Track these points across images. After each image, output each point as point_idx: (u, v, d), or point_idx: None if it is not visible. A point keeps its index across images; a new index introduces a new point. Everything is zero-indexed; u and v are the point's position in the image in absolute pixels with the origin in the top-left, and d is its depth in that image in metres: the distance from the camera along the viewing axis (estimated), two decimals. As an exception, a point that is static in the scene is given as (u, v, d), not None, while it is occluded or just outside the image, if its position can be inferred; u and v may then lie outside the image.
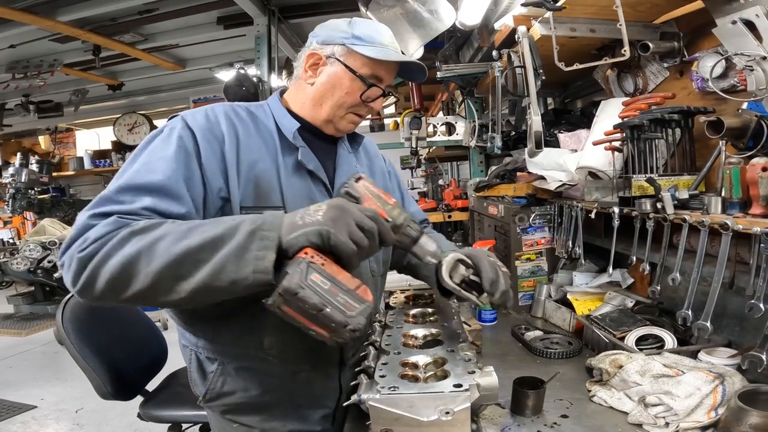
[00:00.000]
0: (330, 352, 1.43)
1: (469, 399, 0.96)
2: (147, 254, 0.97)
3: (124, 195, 1.09)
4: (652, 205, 1.52)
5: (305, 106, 1.42)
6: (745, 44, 1.44)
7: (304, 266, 0.93)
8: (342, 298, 0.94)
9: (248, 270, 0.96)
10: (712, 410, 1.14)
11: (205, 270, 0.96)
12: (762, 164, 1.22)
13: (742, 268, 1.33)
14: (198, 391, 1.42)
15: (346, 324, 0.93)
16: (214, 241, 0.98)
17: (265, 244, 0.97)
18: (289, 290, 0.91)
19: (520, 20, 2.00)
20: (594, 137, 1.91)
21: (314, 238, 0.96)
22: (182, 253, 0.97)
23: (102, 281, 0.98)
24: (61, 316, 2.14)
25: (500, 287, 1.24)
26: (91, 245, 1.00)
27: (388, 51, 1.38)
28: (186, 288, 0.97)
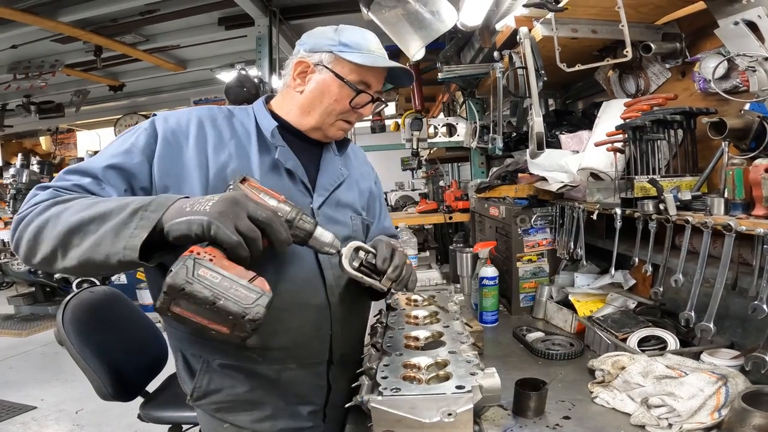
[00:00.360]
0: (317, 350, 1.44)
1: (471, 400, 0.96)
2: (54, 220, 1.04)
3: (71, 175, 1.19)
4: (654, 207, 1.52)
5: (292, 112, 1.45)
6: (748, 45, 1.44)
7: (190, 263, 0.90)
8: (235, 290, 0.91)
9: (120, 246, 0.97)
10: (716, 411, 1.14)
11: (89, 241, 1.00)
12: (765, 165, 1.22)
13: (745, 269, 1.33)
14: (186, 389, 1.43)
15: (244, 314, 0.90)
16: (102, 216, 1.02)
17: (143, 224, 0.98)
18: (174, 286, 0.87)
19: (522, 21, 1.99)
20: (596, 138, 1.90)
21: (195, 228, 0.95)
22: (76, 222, 1.02)
23: (24, 242, 1.08)
24: (61, 317, 2.14)
25: (393, 263, 1.26)
26: (27, 209, 1.11)
27: (375, 57, 1.40)
28: (74, 256, 1.02)
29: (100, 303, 2.39)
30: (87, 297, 2.35)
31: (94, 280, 5.24)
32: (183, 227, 0.96)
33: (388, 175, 7.46)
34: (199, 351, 1.38)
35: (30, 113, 6.74)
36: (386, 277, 1.24)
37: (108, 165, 1.19)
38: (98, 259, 1.00)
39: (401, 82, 1.55)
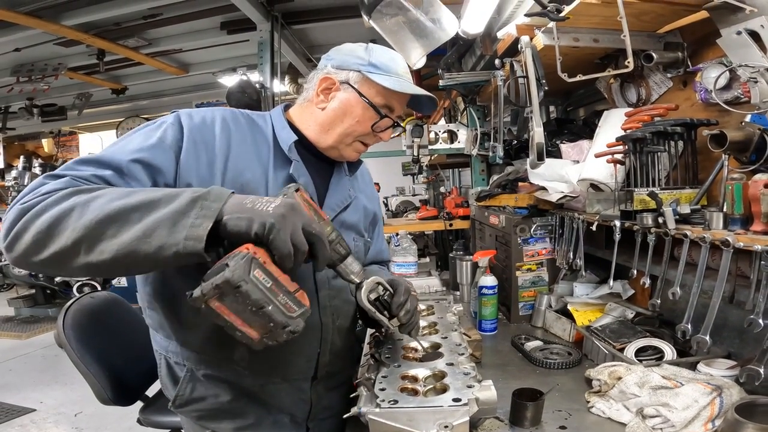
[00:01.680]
0: (303, 367, 1.43)
1: (467, 413, 0.96)
2: (80, 209, 0.93)
3: (87, 165, 1.07)
4: (653, 220, 1.52)
5: (310, 128, 1.41)
6: (750, 55, 1.44)
7: (248, 260, 0.87)
8: (283, 299, 0.90)
9: (180, 236, 0.89)
10: (709, 422, 1.14)
11: (134, 231, 0.90)
12: (764, 181, 1.22)
13: (743, 282, 1.33)
14: (169, 395, 1.42)
15: (286, 325, 0.89)
16: (151, 203, 0.93)
17: (205, 213, 0.91)
18: (231, 282, 0.84)
19: (523, 30, 1.99)
20: (596, 149, 1.91)
21: (257, 227, 0.91)
22: (115, 210, 0.92)
23: (30, 234, 0.93)
24: (62, 322, 2.15)
25: (406, 307, 1.24)
26: (34, 198, 0.97)
27: (403, 82, 1.37)
28: (108, 249, 0.90)
29: (100, 308, 2.40)
30: (88, 302, 2.35)
31: (95, 284, 5.26)
32: (243, 224, 0.91)
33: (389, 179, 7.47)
34: (183, 360, 1.36)
35: (32, 116, 6.74)
36: (396, 319, 1.24)
37: (134, 159, 1.11)
38: (145, 251, 0.89)
39: (422, 109, 1.54)
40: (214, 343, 1.30)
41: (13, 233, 0.95)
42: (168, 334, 1.36)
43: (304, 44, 5.36)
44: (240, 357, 1.32)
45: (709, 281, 1.37)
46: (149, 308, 1.38)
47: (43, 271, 1.00)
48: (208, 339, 1.29)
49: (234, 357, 1.31)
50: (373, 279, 1.24)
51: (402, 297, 1.27)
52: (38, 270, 1.00)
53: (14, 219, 0.95)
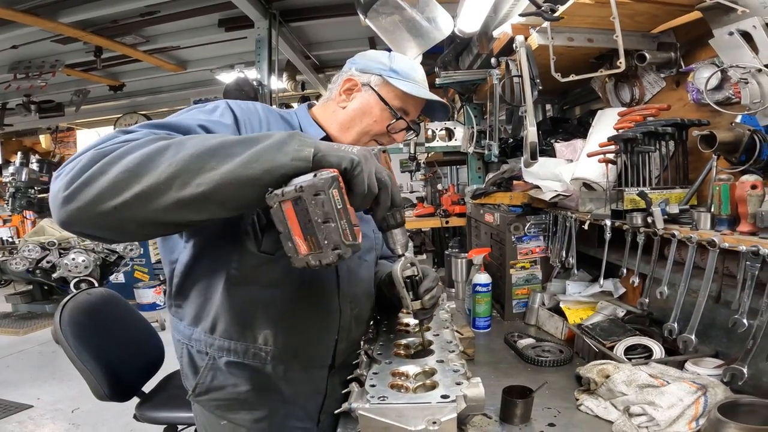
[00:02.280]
0: (322, 354, 1.47)
1: (455, 410, 0.97)
2: (176, 146, 0.93)
3: (157, 128, 1.08)
4: (642, 219, 1.54)
5: (332, 125, 1.48)
6: (741, 56, 1.45)
7: (334, 178, 0.93)
8: (344, 224, 0.94)
9: (287, 159, 0.94)
10: (693, 421, 1.16)
11: (237, 160, 0.93)
12: (751, 182, 1.23)
13: (731, 281, 1.34)
14: (188, 385, 1.45)
15: (337, 246, 0.94)
16: (250, 139, 0.98)
17: (305, 143, 0.97)
18: (315, 187, 0.91)
19: (519, 29, 2.01)
20: (589, 148, 1.92)
21: (346, 163, 0.97)
22: (216, 144, 0.95)
23: (108, 177, 0.89)
24: (59, 319, 2.16)
25: (432, 293, 1.28)
26: (113, 144, 0.94)
27: (419, 88, 1.46)
28: (208, 179, 0.91)
29: (97, 305, 2.41)
30: (84, 299, 2.37)
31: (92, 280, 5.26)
32: (335, 159, 0.97)
33: (387, 177, 7.44)
34: (206, 348, 1.39)
35: (30, 112, 6.74)
36: (420, 301, 1.25)
37: (202, 125, 1.15)
38: (249, 175, 0.92)
39: (435, 116, 1.63)
40: (240, 327, 1.34)
41: (83, 179, 0.89)
42: (192, 322, 1.39)
43: (302, 42, 5.36)
44: (264, 340, 1.36)
45: (697, 281, 1.39)
46: (176, 297, 1.41)
47: (105, 223, 0.92)
48: (235, 323, 1.34)
49: (258, 340, 1.36)
50: (411, 258, 1.26)
51: (432, 283, 1.32)
52: (98, 224, 0.92)
53: (88, 163, 0.91)
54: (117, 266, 5.89)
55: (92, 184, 0.89)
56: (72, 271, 5.37)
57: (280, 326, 1.36)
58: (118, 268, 5.97)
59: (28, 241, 5.56)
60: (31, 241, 5.56)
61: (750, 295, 1.21)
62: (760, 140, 1.38)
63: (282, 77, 5.83)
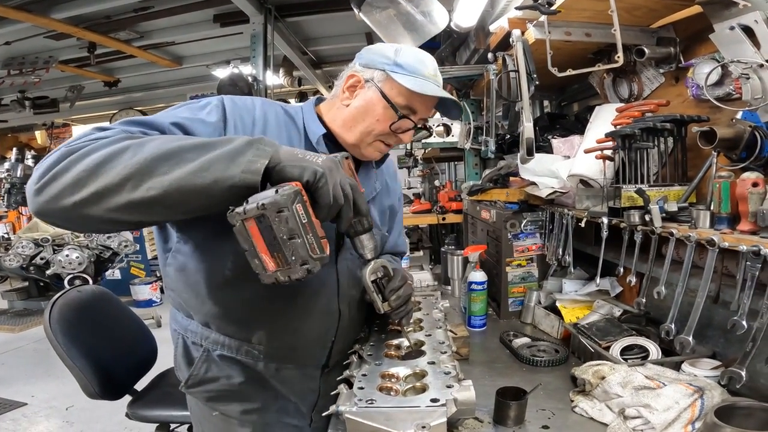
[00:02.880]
0: (317, 354, 1.46)
1: (445, 414, 0.94)
2: (135, 148, 0.95)
3: (133, 126, 1.09)
4: (640, 217, 1.51)
5: (336, 124, 1.42)
6: (743, 51, 1.41)
7: (296, 192, 0.92)
8: (311, 238, 0.94)
9: (237, 170, 0.93)
10: (689, 424, 1.14)
11: (189, 167, 0.93)
12: (752, 179, 1.20)
13: (729, 281, 1.32)
14: (181, 376, 1.45)
15: (305, 261, 0.94)
16: (208, 144, 0.97)
17: (261, 153, 0.96)
18: (276, 204, 0.90)
19: (515, 23, 1.98)
20: (586, 144, 1.89)
21: (308, 174, 0.96)
22: (172, 149, 0.95)
23: (71, 174, 0.93)
24: (48, 316, 2.14)
25: (398, 293, 1.28)
26: (82, 142, 0.98)
27: (425, 83, 1.35)
28: (158, 185, 0.92)
29: (88, 302, 2.38)
30: (75, 296, 2.35)
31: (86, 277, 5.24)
32: (296, 171, 0.96)
33: (385, 173, 7.42)
34: (201, 340, 1.39)
35: (24, 108, 6.70)
36: (387, 303, 1.26)
37: (175, 122, 1.15)
38: (199, 184, 0.93)
39: (450, 114, 1.53)
40: (234, 325, 1.35)
41: (50, 174, 0.94)
42: (188, 313, 1.40)
43: (299, 37, 5.31)
44: (258, 340, 1.36)
45: (695, 280, 1.36)
46: (172, 288, 1.40)
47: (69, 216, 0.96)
48: (229, 321, 1.34)
49: (252, 339, 1.36)
50: (381, 261, 1.26)
51: (397, 283, 1.30)
52: (63, 217, 0.97)
53: (56, 160, 0.95)
54: (112, 263, 5.88)
55: (57, 180, 0.94)
56: (66, 268, 5.35)
57: (276, 326, 1.35)
58: (113, 265, 5.95)
59: (22, 238, 5.54)
60: (24, 237, 5.54)
61: (750, 296, 1.17)
62: (762, 137, 1.35)
63: (278, 73, 5.78)
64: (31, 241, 5.47)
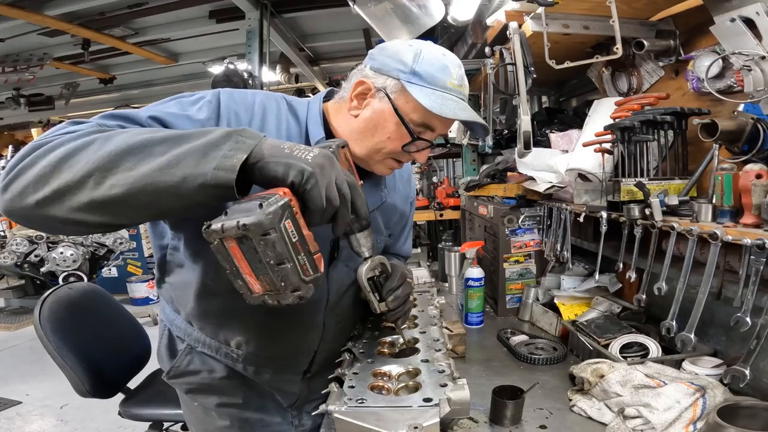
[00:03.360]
0: (298, 363, 1.45)
1: (438, 414, 0.91)
2: (101, 142, 0.85)
3: (112, 119, 1.00)
4: (640, 211, 1.48)
5: (342, 131, 1.26)
6: (744, 43, 1.39)
7: (284, 206, 0.78)
8: (303, 258, 0.81)
9: (209, 166, 0.80)
10: (691, 424, 1.11)
11: (156, 162, 0.82)
12: (756, 171, 1.17)
13: (732, 277, 1.28)
14: (164, 367, 1.46)
15: (297, 288, 0.81)
16: (180, 136, 0.85)
17: (239, 147, 0.83)
18: (260, 226, 0.75)
19: (513, 16, 1.95)
20: (585, 138, 1.86)
21: (294, 174, 0.82)
22: (139, 142, 0.84)
23: (35, 170, 0.84)
24: (38, 314, 2.12)
25: (395, 293, 1.20)
26: (57, 135, 0.89)
27: (447, 100, 1.16)
28: (121, 182, 0.81)
29: (79, 300, 2.36)
30: (65, 294, 2.32)
31: (81, 274, 5.20)
32: (281, 169, 0.83)
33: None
34: (184, 336, 1.39)
35: (20, 106, 6.66)
36: (384, 303, 1.19)
37: (155, 117, 1.04)
38: (166, 182, 0.81)
39: (475, 132, 1.31)
40: (214, 328, 1.33)
41: (16, 170, 0.86)
42: (176, 308, 1.39)
43: (296, 33, 5.27)
44: (237, 345, 1.34)
45: (697, 276, 1.32)
46: (166, 280, 1.37)
47: (34, 216, 0.87)
48: (209, 324, 1.33)
49: (230, 343, 1.34)
50: (379, 258, 1.18)
51: (395, 282, 1.20)
52: (25, 216, 0.88)
53: (23, 155, 0.87)
54: (107, 260, 5.84)
55: (21, 176, 0.85)
56: (60, 265, 5.32)
57: (256, 335, 1.32)
58: (108, 262, 5.92)
59: (17, 235, 5.49)
60: (19, 234, 5.50)
61: (754, 291, 1.14)
62: (764, 129, 1.32)
63: (275, 69, 5.74)
64: (25, 239, 5.43)
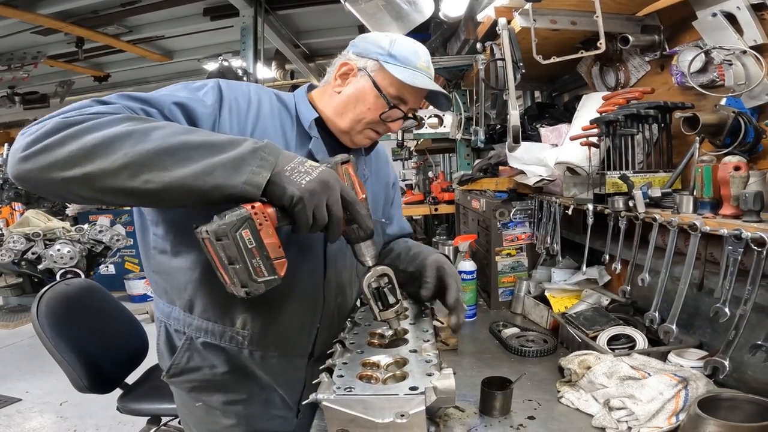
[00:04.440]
0: (302, 343, 1.44)
1: (424, 402, 0.93)
2: (139, 136, 0.94)
3: (132, 101, 1.09)
4: (624, 203, 1.50)
5: (328, 110, 1.43)
6: (725, 38, 1.42)
7: (242, 219, 0.95)
8: (257, 262, 0.97)
9: (240, 180, 0.95)
10: (673, 416, 1.12)
11: (192, 167, 0.94)
12: (734, 163, 1.19)
13: (714, 268, 1.31)
14: (164, 365, 1.43)
15: (245, 285, 0.98)
16: (214, 145, 0.98)
17: (264, 165, 0.97)
18: (216, 233, 0.94)
19: (502, 12, 1.97)
20: (573, 132, 1.88)
21: (286, 199, 0.97)
22: (177, 144, 0.95)
23: (66, 149, 0.91)
24: (36, 310, 2.13)
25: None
26: (81, 116, 0.96)
27: (418, 76, 1.37)
28: (158, 179, 0.93)
29: (76, 295, 2.37)
30: (62, 290, 2.33)
31: (78, 271, 5.21)
32: (278, 192, 0.98)
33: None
34: (183, 327, 1.37)
35: (14, 104, 6.66)
36: (384, 314, 1.23)
37: (177, 102, 1.15)
38: (199, 187, 0.94)
39: (439, 105, 1.55)
40: (218, 309, 1.32)
41: (43, 144, 0.92)
42: (171, 299, 1.37)
43: (291, 30, 5.29)
44: (242, 324, 1.34)
45: (680, 267, 1.34)
46: (154, 272, 1.38)
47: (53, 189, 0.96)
48: (212, 304, 1.32)
49: (235, 323, 1.34)
50: (383, 269, 1.24)
51: (455, 293, 1.35)
52: (46, 188, 0.97)
53: (51, 130, 0.93)
54: (104, 257, 5.84)
55: (48, 153, 0.91)
56: (57, 263, 5.32)
57: (260, 311, 1.33)
58: (105, 259, 5.92)
59: (13, 232, 5.49)
60: (16, 232, 5.49)
61: (732, 282, 1.16)
62: (745, 122, 1.35)
63: (271, 66, 5.75)
64: (22, 236, 5.42)
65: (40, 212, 6.21)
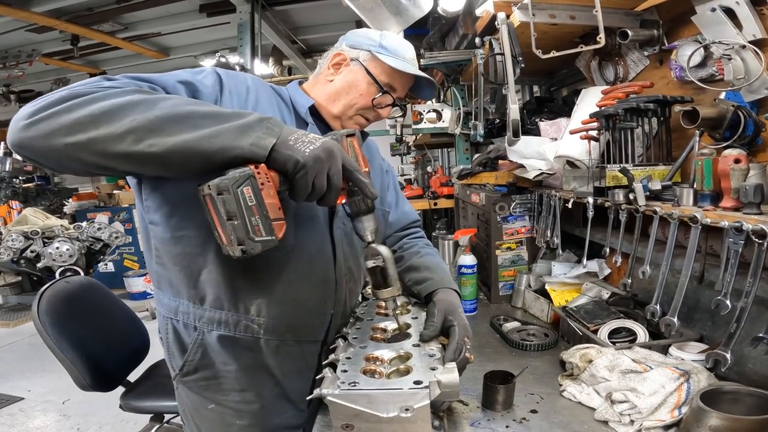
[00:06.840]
0: (316, 328, 1.42)
1: (428, 396, 0.94)
2: (147, 104, 0.96)
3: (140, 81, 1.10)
4: (624, 196, 1.51)
5: (320, 97, 1.50)
6: (724, 32, 1.43)
7: (244, 177, 0.96)
8: (256, 220, 0.98)
9: (246, 142, 0.98)
10: (676, 409, 1.12)
11: (197, 133, 0.96)
12: (734, 156, 1.20)
13: (715, 261, 1.31)
14: (175, 364, 1.39)
15: (242, 242, 0.98)
16: (221, 114, 1.00)
17: (270, 132, 1.01)
18: (218, 186, 0.95)
19: (501, 6, 1.97)
20: (572, 126, 1.89)
21: (290, 165, 0.99)
22: (185, 112, 0.97)
23: (73, 115, 0.92)
24: (36, 308, 2.12)
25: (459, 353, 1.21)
26: (96, 87, 0.98)
27: (407, 64, 1.48)
28: (162, 143, 0.94)
29: (76, 293, 2.37)
30: (63, 287, 2.32)
31: (77, 269, 5.20)
32: (280, 159, 1.00)
33: (377, 161, 7.41)
34: (194, 321, 1.33)
35: (10, 102, 6.64)
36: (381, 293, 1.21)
37: (181, 80, 1.18)
38: (204, 148, 0.96)
39: (423, 94, 1.64)
40: (232, 295, 1.29)
41: (49, 112, 0.93)
42: (177, 292, 1.33)
43: (288, 26, 5.27)
44: (257, 311, 1.31)
45: (681, 260, 1.35)
46: (157, 264, 1.35)
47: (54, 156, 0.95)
48: (225, 290, 1.28)
49: (250, 310, 1.31)
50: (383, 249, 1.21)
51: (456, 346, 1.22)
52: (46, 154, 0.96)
53: (59, 99, 0.95)
54: (103, 255, 5.82)
55: (54, 119, 0.92)
56: (56, 261, 5.29)
57: (274, 295, 1.30)
58: (104, 257, 5.89)
59: (12, 231, 5.46)
60: (14, 230, 5.47)
61: (733, 274, 1.17)
62: (745, 116, 1.36)
63: (268, 62, 5.74)
64: (20, 234, 5.40)
65: (38, 210, 6.18)
